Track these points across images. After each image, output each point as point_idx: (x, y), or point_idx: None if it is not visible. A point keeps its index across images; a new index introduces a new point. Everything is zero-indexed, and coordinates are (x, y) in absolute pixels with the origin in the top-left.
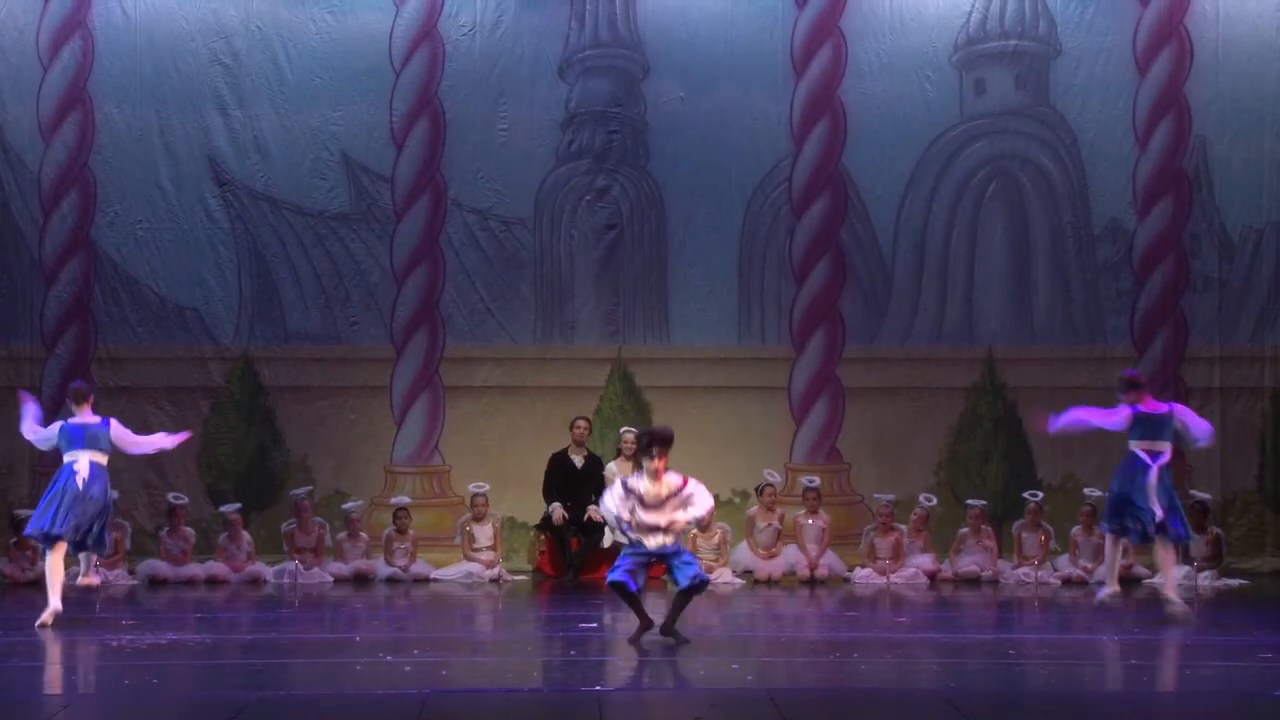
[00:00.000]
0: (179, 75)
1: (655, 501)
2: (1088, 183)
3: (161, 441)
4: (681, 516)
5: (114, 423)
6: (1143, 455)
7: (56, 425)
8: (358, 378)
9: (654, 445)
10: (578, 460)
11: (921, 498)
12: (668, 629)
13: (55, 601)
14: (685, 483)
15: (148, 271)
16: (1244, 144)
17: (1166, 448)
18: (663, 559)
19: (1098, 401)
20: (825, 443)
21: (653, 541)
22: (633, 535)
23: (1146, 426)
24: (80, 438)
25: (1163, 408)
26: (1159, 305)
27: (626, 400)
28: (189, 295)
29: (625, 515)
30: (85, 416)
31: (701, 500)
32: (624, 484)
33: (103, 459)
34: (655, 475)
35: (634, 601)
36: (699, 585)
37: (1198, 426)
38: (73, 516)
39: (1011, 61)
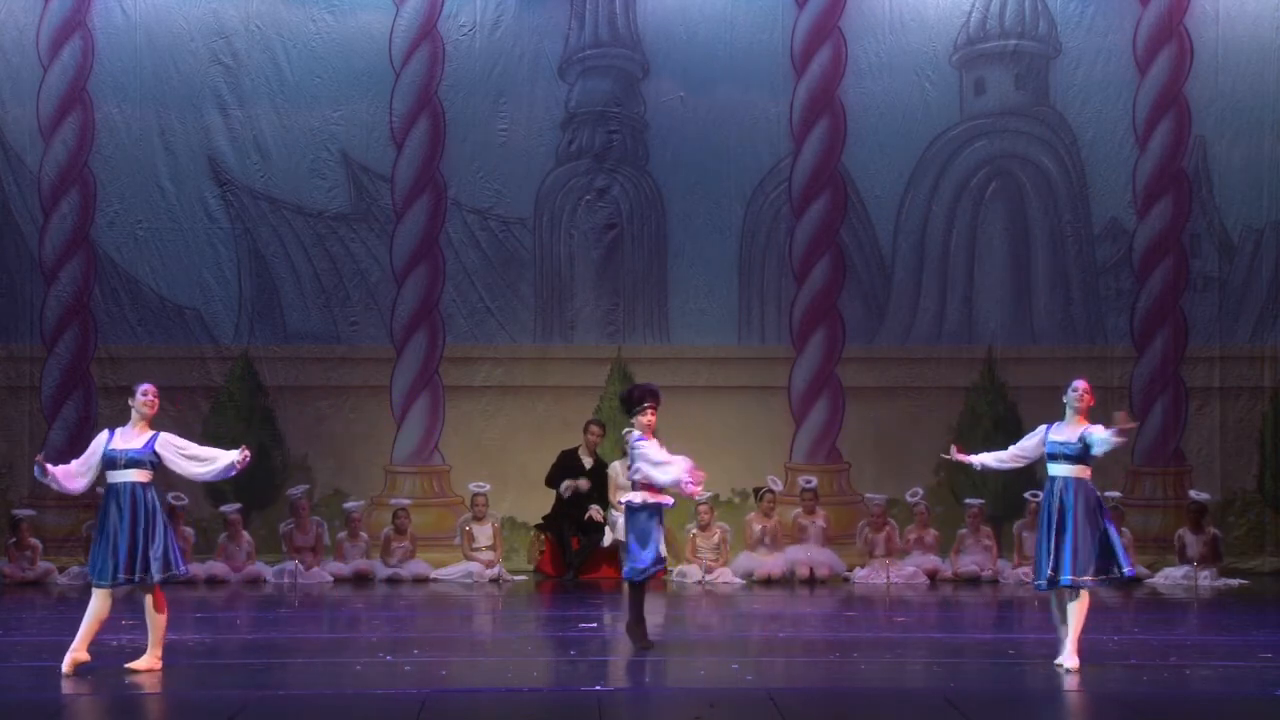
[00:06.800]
0: (179, 75)
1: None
2: (1088, 183)
3: None
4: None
5: None
6: None
7: None
8: (358, 378)
9: (645, 399)
10: (587, 461)
11: (907, 495)
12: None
13: None
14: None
15: (148, 271)
16: (1244, 144)
17: None
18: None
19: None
20: (825, 442)
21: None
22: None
23: None
24: None
25: None
26: (1159, 305)
27: None
28: (189, 295)
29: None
30: None
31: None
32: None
33: None
34: (647, 431)
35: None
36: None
37: None
38: None
39: (1011, 61)
